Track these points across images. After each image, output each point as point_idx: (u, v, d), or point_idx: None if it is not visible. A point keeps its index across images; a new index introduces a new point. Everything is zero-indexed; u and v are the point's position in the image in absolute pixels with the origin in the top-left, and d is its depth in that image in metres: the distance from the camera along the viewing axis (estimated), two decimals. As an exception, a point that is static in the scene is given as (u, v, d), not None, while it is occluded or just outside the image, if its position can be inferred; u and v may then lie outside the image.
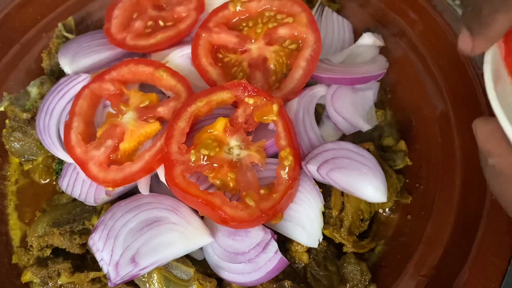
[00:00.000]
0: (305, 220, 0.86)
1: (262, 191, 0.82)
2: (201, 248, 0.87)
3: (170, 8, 1.13)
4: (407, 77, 1.08)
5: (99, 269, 0.85)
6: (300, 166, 0.88)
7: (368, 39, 1.09)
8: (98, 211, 0.93)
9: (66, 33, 1.18)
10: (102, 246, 0.82)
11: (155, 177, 0.93)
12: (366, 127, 1.01)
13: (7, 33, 1.19)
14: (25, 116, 1.05)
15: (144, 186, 0.90)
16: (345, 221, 0.89)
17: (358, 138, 1.03)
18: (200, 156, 0.84)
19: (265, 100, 0.88)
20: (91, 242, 0.85)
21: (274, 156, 0.90)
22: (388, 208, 0.97)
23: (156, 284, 0.83)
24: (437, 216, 0.89)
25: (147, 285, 0.84)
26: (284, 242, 0.91)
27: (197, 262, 0.87)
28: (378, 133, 1.06)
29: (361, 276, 0.88)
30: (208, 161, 0.84)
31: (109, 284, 0.80)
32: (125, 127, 0.92)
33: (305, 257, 0.89)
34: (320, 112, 1.04)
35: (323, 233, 0.88)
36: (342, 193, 0.91)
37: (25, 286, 0.92)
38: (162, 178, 0.89)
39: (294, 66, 0.97)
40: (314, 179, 0.90)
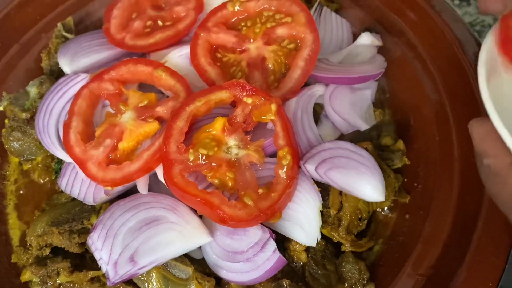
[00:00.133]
0: (304, 219, 0.86)
1: (260, 191, 0.82)
2: (200, 247, 0.87)
3: (169, 8, 1.13)
4: (406, 76, 1.07)
5: (98, 268, 0.85)
6: (298, 165, 0.88)
7: (366, 39, 1.09)
8: (97, 210, 0.93)
9: (66, 33, 1.19)
10: (101, 245, 0.83)
11: (154, 176, 0.93)
12: (364, 126, 1.01)
13: (6, 33, 1.19)
14: (24, 115, 1.06)
15: (143, 185, 0.90)
16: (343, 220, 0.89)
17: (356, 137, 1.03)
18: (199, 156, 0.84)
19: (263, 99, 0.88)
20: (90, 241, 0.85)
21: (273, 155, 0.90)
22: (386, 207, 0.97)
23: (154, 283, 0.84)
24: (435, 215, 0.89)
25: (146, 284, 0.84)
26: (283, 241, 0.91)
27: (195, 261, 0.87)
28: (376, 132, 1.06)
29: (359, 275, 0.88)
30: (206, 160, 0.84)
31: (108, 283, 0.81)
32: (124, 126, 0.93)
33: (303, 256, 0.89)
34: (318, 112, 1.05)
35: (321, 232, 0.88)
36: (340, 193, 0.91)
37: (24, 285, 0.92)
38: (161, 178, 0.89)
39: (293, 65, 0.97)
40: (313, 178, 0.90)
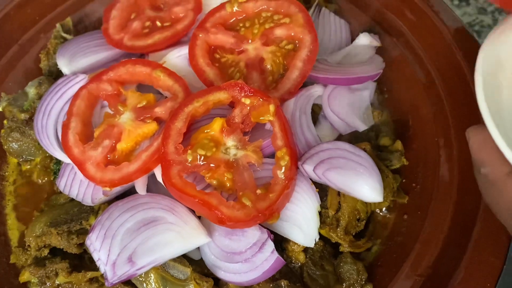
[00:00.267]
0: (302, 219, 0.86)
1: (258, 191, 0.82)
2: (198, 247, 0.87)
3: (168, 9, 1.13)
4: (404, 77, 1.07)
5: (96, 269, 0.85)
6: (296, 166, 0.88)
7: (364, 40, 1.09)
8: (95, 211, 0.93)
9: (64, 34, 1.19)
10: (99, 246, 0.83)
11: (152, 177, 0.93)
12: (362, 127, 1.01)
13: (5, 33, 1.19)
14: (23, 116, 1.06)
15: (141, 186, 0.90)
16: (342, 221, 0.89)
17: (354, 138, 1.03)
18: (197, 156, 0.84)
19: (261, 100, 0.88)
20: (88, 242, 0.85)
21: (271, 156, 0.90)
22: (384, 208, 0.97)
23: (153, 284, 0.84)
24: (433, 215, 0.89)
25: (144, 285, 0.84)
26: (281, 242, 0.91)
27: (194, 262, 0.88)
28: (375, 133, 1.06)
29: (358, 275, 0.88)
30: (205, 161, 0.84)
31: (106, 283, 0.81)
32: (122, 127, 0.93)
33: (301, 257, 0.89)
34: (316, 112, 1.04)
35: (319, 233, 0.88)
36: (339, 193, 0.91)
37: (23, 286, 0.92)
38: (159, 178, 0.89)
39: (291, 66, 0.97)
40: (311, 179, 0.90)
